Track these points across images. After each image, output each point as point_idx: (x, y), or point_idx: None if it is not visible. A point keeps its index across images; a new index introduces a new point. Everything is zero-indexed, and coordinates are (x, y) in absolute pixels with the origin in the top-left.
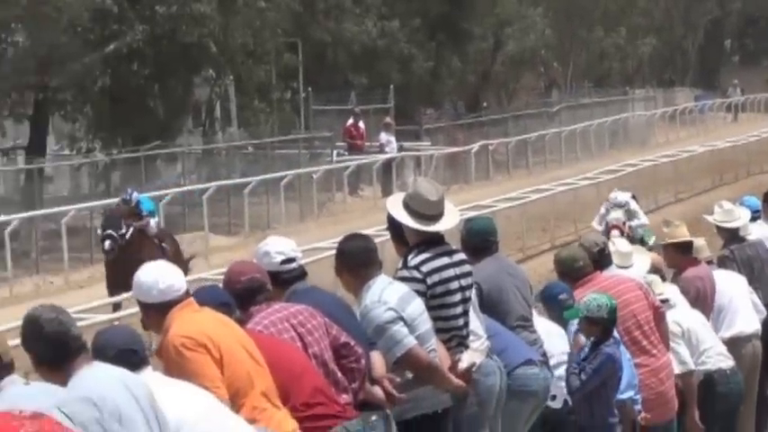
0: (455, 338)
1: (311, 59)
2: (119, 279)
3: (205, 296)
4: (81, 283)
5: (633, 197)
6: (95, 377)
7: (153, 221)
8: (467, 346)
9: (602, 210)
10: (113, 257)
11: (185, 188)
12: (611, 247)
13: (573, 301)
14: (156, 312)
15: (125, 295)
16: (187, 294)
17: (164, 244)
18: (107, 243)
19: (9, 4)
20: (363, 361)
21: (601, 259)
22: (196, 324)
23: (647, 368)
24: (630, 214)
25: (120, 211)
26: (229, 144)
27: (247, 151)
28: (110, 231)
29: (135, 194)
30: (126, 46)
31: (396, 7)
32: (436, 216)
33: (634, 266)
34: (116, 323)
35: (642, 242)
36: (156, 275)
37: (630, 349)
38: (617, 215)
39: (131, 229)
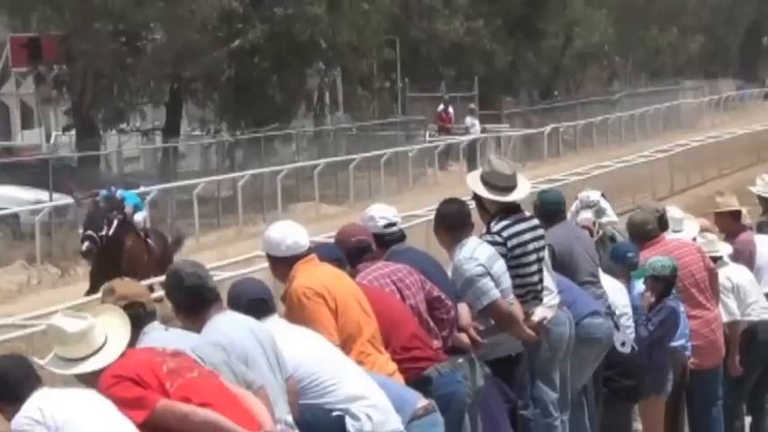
0: (531, 293)
1: (407, 54)
2: (103, 271)
3: (323, 252)
4: (210, 244)
5: (603, 195)
6: (226, 324)
7: (139, 215)
8: (541, 300)
9: (573, 208)
10: (97, 252)
11: (299, 164)
12: (667, 214)
13: (638, 259)
14: (283, 265)
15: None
16: (309, 251)
17: (149, 240)
18: (86, 244)
19: (149, 7)
20: (452, 312)
21: (660, 224)
22: (317, 277)
23: (701, 320)
24: (600, 212)
25: (101, 211)
26: (337, 126)
27: (352, 132)
28: (90, 233)
29: (119, 192)
30: (249, 42)
31: (480, 9)
32: (511, 188)
33: (685, 230)
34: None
35: (612, 240)
36: (285, 233)
37: (687, 303)
38: (587, 215)
39: (114, 223)
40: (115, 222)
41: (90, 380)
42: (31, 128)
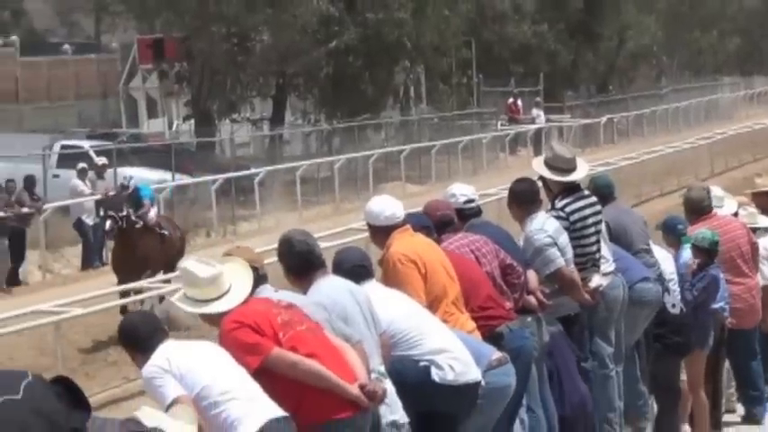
0: (590, 261)
1: (481, 53)
2: (123, 265)
3: (414, 220)
4: (310, 218)
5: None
6: (328, 287)
7: (153, 211)
8: (598, 267)
9: None
10: (116, 238)
11: (387, 149)
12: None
13: (686, 231)
14: (381, 234)
15: (132, 285)
16: (404, 222)
17: (163, 231)
18: (108, 223)
19: (258, 12)
20: (522, 277)
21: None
22: (410, 245)
23: (744, 286)
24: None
25: (120, 197)
26: (420, 117)
27: (433, 122)
28: (111, 213)
29: (133, 181)
30: (344, 43)
31: (545, 14)
32: (571, 170)
33: (725, 206)
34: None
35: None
36: (384, 206)
37: (732, 272)
38: None
39: (133, 218)
40: (133, 215)
41: (214, 320)
42: (155, 117)
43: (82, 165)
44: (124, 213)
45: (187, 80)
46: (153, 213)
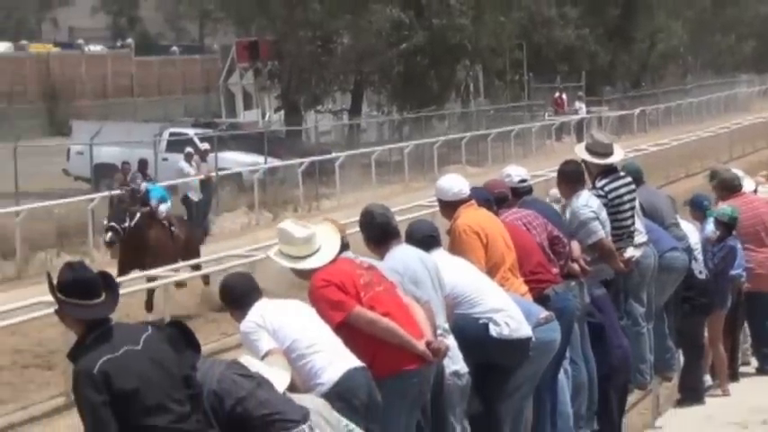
0: (625, 234)
1: (532, 54)
2: (130, 257)
3: (477, 194)
4: (383, 196)
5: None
6: (402, 254)
7: (163, 207)
8: (632, 239)
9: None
10: (121, 242)
11: (450, 137)
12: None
13: (710, 207)
14: (449, 208)
15: (135, 275)
16: (470, 197)
17: (173, 227)
18: (109, 235)
19: (339, 19)
20: (567, 247)
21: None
22: (474, 218)
23: (765, 254)
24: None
25: (124, 205)
26: (478, 108)
27: (490, 113)
28: (113, 224)
29: (144, 185)
30: (413, 45)
31: (586, 20)
32: (608, 154)
33: (744, 185)
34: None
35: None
36: (453, 183)
37: (755, 242)
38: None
39: (137, 216)
40: (138, 215)
41: (305, 275)
42: (250, 109)
43: (188, 149)
44: (126, 225)
45: (278, 77)
46: (163, 208)
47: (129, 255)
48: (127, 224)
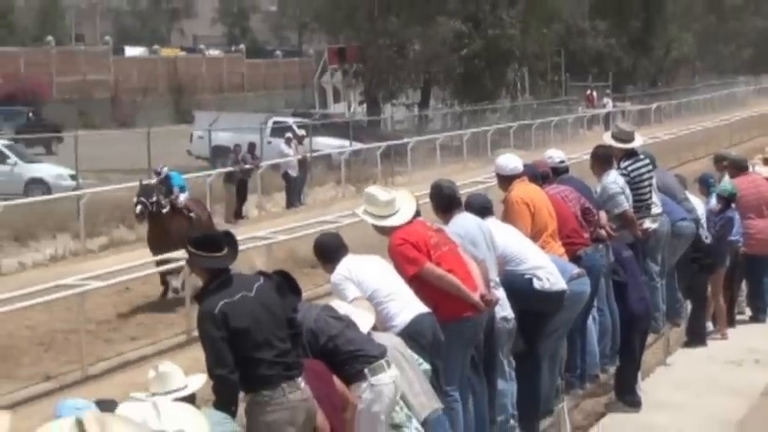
0: (644, 206)
1: (568, 59)
2: (155, 242)
3: (528, 170)
4: (447, 174)
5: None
6: (463, 220)
7: (183, 196)
8: (650, 210)
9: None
10: (149, 219)
11: (500, 126)
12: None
13: (715, 184)
14: (506, 181)
15: (165, 256)
16: (523, 174)
17: (191, 214)
18: (138, 208)
19: (411, 29)
20: (596, 216)
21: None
22: (525, 191)
23: (764, 224)
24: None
25: (153, 185)
26: (524, 103)
27: (533, 107)
28: (142, 199)
29: (165, 169)
30: (472, 51)
31: (613, 31)
32: (630, 140)
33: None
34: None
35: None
36: (509, 161)
37: (757, 213)
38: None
39: (163, 202)
40: (163, 200)
41: (385, 232)
42: (338, 102)
43: (288, 135)
44: (154, 199)
45: (361, 76)
46: (183, 197)
47: (154, 239)
48: (154, 199)
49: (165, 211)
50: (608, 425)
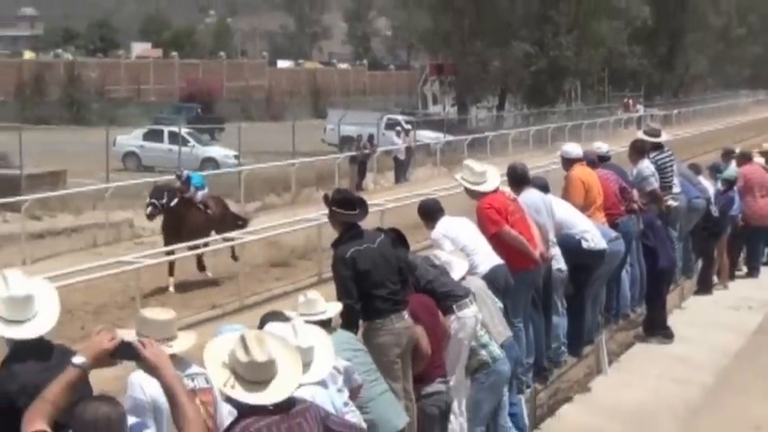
0: (667, 186)
1: (611, 74)
2: (171, 232)
3: (586, 156)
4: (519, 161)
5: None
6: (530, 194)
7: (200, 193)
8: (671, 189)
9: None
10: (164, 215)
11: (558, 125)
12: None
13: (722, 171)
14: (569, 163)
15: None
16: (582, 158)
17: (208, 210)
18: (149, 209)
19: (492, 50)
20: (631, 193)
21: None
22: (582, 172)
23: (763, 202)
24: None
25: (166, 185)
26: (577, 108)
27: (584, 111)
28: (153, 200)
29: (186, 173)
30: (537, 68)
31: (646, 54)
32: (658, 136)
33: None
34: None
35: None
36: (573, 148)
37: (757, 193)
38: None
39: (176, 199)
40: (176, 199)
41: (475, 196)
42: (436, 104)
43: (398, 128)
44: (164, 200)
45: (453, 85)
46: (200, 195)
47: (168, 230)
48: (165, 200)
49: (173, 204)
50: (636, 352)
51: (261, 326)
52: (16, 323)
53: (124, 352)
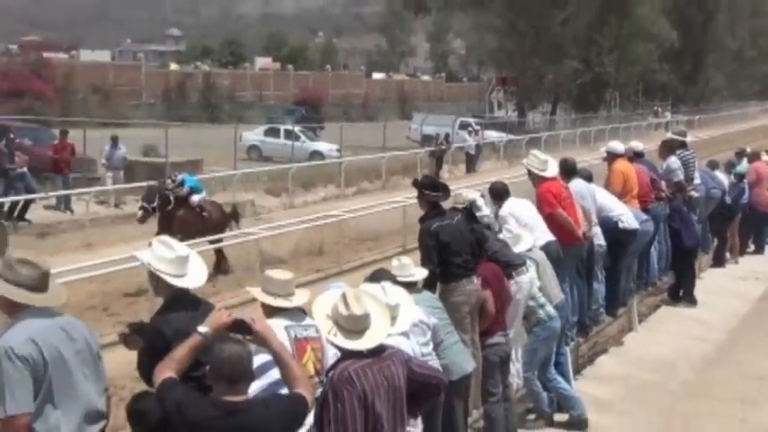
0: (690, 178)
1: (644, 87)
2: (164, 231)
3: (626, 152)
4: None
5: (481, 195)
6: (577, 182)
7: (196, 196)
8: (693, 181)
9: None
10: (158, 218)
11: (600, 127)
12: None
13: (736, 166)
14: (613, 158)
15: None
16: (623, 154)
17: (204, 213)
18: (140, 212)
19: (546, 67)
20: (660, 184)
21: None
22: (623, 165)
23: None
24: (476, 208)
25: (157, 188)
26: (615, 114)
27: (622, 116)
28: (144, 204)
29: (180, 176)
30: (583, 81)
31: (673, 69)
32: (684, 137)
33: (763, 157)
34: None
35: (489, 228)
36: (617, 145)
37: (763, 185)
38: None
39: (170, 199)
40: (172, 198)
41: (537, 181)
42: (500, 110)
43: (469, 128)
44: (155, 204)
45: (515, 94)
46: (196, 198)
47: (161, 231)
48: (156, 204)
49: (169, 207)
50: (661, 314)
51: (371, 279)
52: (179, 277)
53: (239, 327)
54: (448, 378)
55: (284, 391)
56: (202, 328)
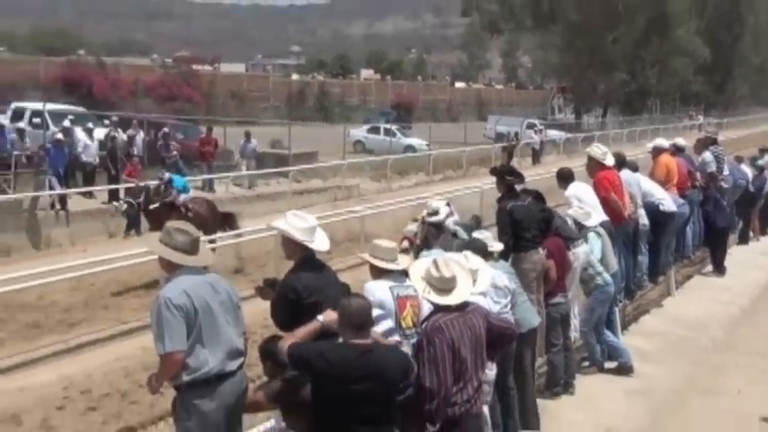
0: (720, 170)
1: (681, 95)
2: (156, 228)
3: (670, 147)
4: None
5: (448, 204)
6: (627, 173)
7: (182, 196)
8: (722, 172)
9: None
10: (147, 217)
11: (642, 128)
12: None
13: (759, 160)
14: (659, 152)
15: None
16: (667, 149)
17: (189, 213)
18: (125, 207)
19: (599, 78)
20: (695, 174)
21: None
22: (667, 158)
23: None
24: (435, 215)
25: (142, 187)
26: (657, 116)
27: (661, 119)
28: (129, 199)
29: (167, 175)
30: (630, 90)
31: (707, 82)
32: (716, 135)
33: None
34: None
35: (455, 235)
36: (662, 142)
37: None
38: (411, 228)
39: (159, 202)
40: (159, 201)
41: (593, 171)
42: (560, 113)
43: (535, 128)
44: (141, 199)
45: (573, 100)
46: (183, 197)
47: (153, 229)
48: (141, 200)
49: (153, 207)
50: (695, 282)
51: (466, 247)
52: (310, 242)
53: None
54: (518, 330)
55: (396, 337)
56: (321, 317)
